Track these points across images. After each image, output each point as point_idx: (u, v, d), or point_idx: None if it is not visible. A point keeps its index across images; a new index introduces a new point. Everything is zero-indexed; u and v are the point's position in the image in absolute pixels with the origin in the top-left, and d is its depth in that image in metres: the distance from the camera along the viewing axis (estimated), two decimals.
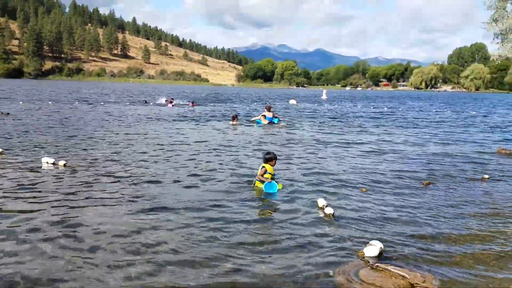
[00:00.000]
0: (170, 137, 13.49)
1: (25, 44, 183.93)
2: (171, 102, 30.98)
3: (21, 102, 27.93)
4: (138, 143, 12.05)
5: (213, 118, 21.41)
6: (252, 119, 19.75)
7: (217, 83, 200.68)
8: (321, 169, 9.05)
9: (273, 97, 57.84)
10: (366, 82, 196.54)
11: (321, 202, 6.23)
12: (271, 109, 19.88)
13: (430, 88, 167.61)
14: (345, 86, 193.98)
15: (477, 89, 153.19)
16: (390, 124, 20.72)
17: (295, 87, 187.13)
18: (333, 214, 5.77)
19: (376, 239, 4.80)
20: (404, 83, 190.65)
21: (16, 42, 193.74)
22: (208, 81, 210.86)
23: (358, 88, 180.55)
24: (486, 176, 8.58)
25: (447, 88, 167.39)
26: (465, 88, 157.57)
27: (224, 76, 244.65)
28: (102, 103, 30.41)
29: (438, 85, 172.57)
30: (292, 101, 43.91)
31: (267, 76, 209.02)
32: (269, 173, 7.28)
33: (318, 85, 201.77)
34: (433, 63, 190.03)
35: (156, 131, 15.00)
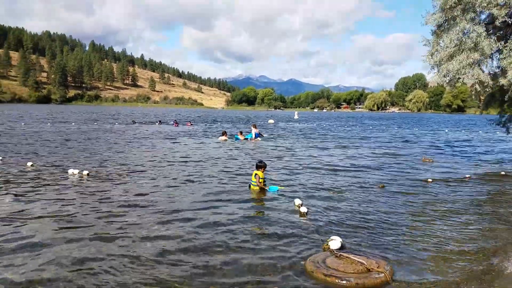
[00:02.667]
0: (174, 150, 13.37)
1: (53, 76, 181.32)
2: (176, 123, 30.84)
3: (49, 124, 27.41)
4: (149, 156, 11.92)
5: (207, 134, 21.39)
6: (254, 138, 18.63)
7: (210, 107, 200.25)
8: (297, 174, 9.10)
9: (255, 117, 58.10)
10: (330, 105, 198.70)
11: (297, 201, 6.27)
12: (257, 127, 19.91)
13: (381, 110, 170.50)
14: (313, 108, 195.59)
15: (419, 110, 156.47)
16: (349, 138, 20.99)
17: (273, 109, 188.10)
18: (306, 213, 5.80)
19: (339, 234, 4.84)
20: (360, 105, 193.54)
21: (45, 74, 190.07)
22: (203, 104, 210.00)
23: (324, 110, 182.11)
24: (430, 180, 8.74)
25: (395, 109, 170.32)
26: (409, 109, 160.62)
27: (216, 101, 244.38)
28: (117, 124, 30.05)
29: (388, 107, 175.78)
30: (271, 121, 44.07)
31: (250, 101, 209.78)
32: (262, 178, 7.35)
33: (291, 107, 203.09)
34: (383, 89, 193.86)
35: (163, 146, 14.85)
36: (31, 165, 9.48)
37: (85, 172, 8.58)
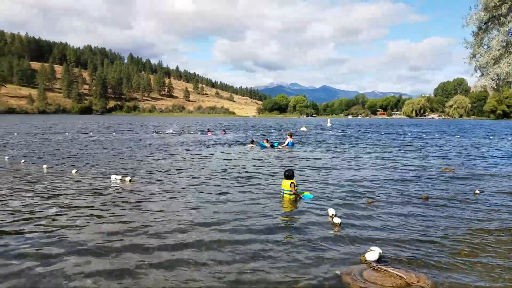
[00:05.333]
0: (208, 157, 13.56)
1: (94, 87, 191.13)
2: (209, 131, 31.49)
3: (91, 133, 28.86)
4: (186, 162, 12.24)
5: (239, 142, 21.56)
6: (284, 144, 18.87)
7: (242, 115, 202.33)
8: (331, 183, 8.92)
9: (288, 125, 57.89)
10: (365, 111, 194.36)
11: (331, 211, 6.15)
12: (292, 136, 19.82)
13: (419, 116, 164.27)
14: (347, 115, 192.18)
15: (460, 116, 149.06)
16: (388, 145, 20.37)
17: (305, 117, 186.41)
18: (340, 223, 5.67)
19: (377, 245, 4.68)
20: (398, 112, 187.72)
21: (87, 86, 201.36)
22: (235, 113, 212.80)
23: (359, 117, 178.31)
24: (477, 191, 8.22)
25: (434, 116, 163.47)
26: (449, 115, 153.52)
27: (247, 109, 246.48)
28: (154, 132, 31.08)
29: (427, 113, 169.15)
30: (303, 128, 43.77)
31: (282, 109, 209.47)
32: (296, 186, 7.33)
33: (324, 114, 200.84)
34: (421, 95, 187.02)
35: (198, 153, 15.14)
36: (75, 172, 10.00)
37: (127, 178, 8.94)
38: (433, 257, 4.49)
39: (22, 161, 12.20)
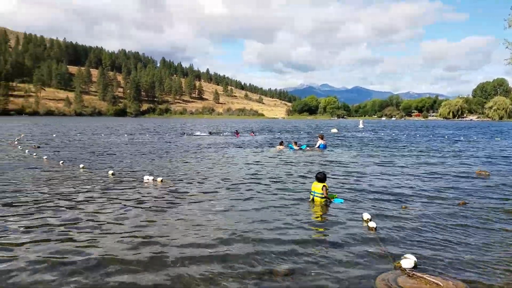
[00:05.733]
0: (237, 159, 13.70)
1: (128, 91, 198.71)
2: (237, 133, 31.80)
3: (125, 135, 29.96)
4: (215, 164, 12.50)
5: (268, 144, 21.64)
6: (315, 146, 18.72)
7: (271, 117, 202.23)
8: (363, 187, 8.79)
9: (317, 127, 57.30)
10: (399, 113, 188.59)
11: (366, 216, 6.07)
12: (324, 138, 19.62)
13: (457, 118, 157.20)
14: (380, 117, 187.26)
15: (501, 118, 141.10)
16: (424, 147, 19.71)
17: (336, 118, 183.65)
18: (375, 228, 5.59)
19: (412, 251, 4.58)
20: (434, 113, 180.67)
21: (121, 89, 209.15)
22: (264, 115, 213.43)
23: (393, 118, 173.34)
24: None
25: (473, 117, 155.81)
26: (489, 117, 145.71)
27: (277, 111, 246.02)
28: (186, 134, 31.79)
29: (465, 115, 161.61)
30: (334, 130, 43.18)
31: (311, 110, 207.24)
32: (327, 189, 7.29)
33: (356, 116, 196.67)
34: (458, 96, 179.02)
35: (227, 154, 15.35)
36: (111, 173, 10.47)
37: (159, 179, 9.28)
38: (471, 265, 4.34)
39: (61, 161, 12.88)
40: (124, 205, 7.04)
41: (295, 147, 18.24)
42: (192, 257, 4.55)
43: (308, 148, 18.38)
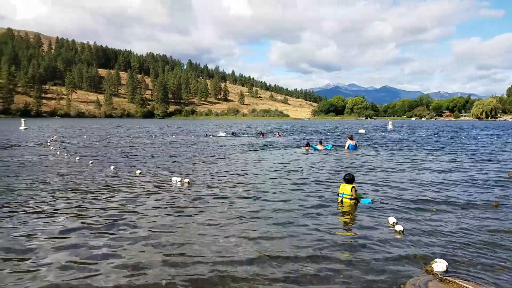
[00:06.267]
0: (263, 160, 13.78)
1: (156, 93, 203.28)
2: (262, 134, 31.96)
3: (153, 136, 30.70)
4: (240, 166, 12.58)
5: (293, 145, 21.58)
6: (345, 148, 18.78)
7: (296, 118, 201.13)
8: (392, 189, 8.64)
9: (344, 128, 56.40)
10: (429, 113, 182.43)
11: (391, 220, 5.98)
12: (353, 138, 19.40)
13: (490, 118, 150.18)
14: (410, 117, 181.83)
15: None
16: (455, 149, 19.03)
17: (364, 118, 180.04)
18: (403, 231, 5.50)
19: (443, 255, 4.49)
20: (465, 113, 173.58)
21: (149, 92, 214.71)
22: (289, 116, 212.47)
23: (423, 119, 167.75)
24: None
25: (507, 118, 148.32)
26: None
27: (302, 111, 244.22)
28: (212, 135, 32.18)
29: (498, 115, 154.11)
30: (361, 130, 42.47)
31: (338, 110, 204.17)
32: (356, 191, 7.28)
33: (385, 116, 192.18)
34: (492, 95, 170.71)
35: (252, 156, 15.44)
36: (140, 173, 10.81)
37: (186, 180, 9.51)
38: (506, 271, 4.19)
39: (90, 162, 13.40)
40: (154, 207, 7.26)
41: (320, 148, 18.11)
42: (223, 259, 4.65)
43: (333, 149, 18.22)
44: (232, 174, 10.97)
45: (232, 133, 35.04)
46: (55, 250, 4.88)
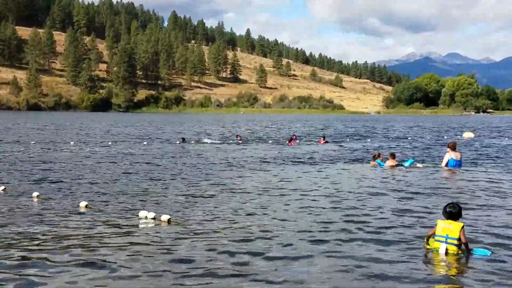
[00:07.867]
0: (298, 184, 13.74)
1: (115, 68, 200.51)
2: (292, 140, 31.86)
3: (109, 142, 30.78)
4: (257, 190, 12.71)
5: (350, 158, 21.49)
6: (442, 163, 18.65)
7: (356, 111, 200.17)
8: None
9: (441, 129, 55.62)
10: None
11: None
12: (456, 147, 18.98)
13: None
14: None
15: None
16: None
17: (473, 113, 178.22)
18: None
19: None
20: None
21: (103, 66, 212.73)
22: (343, 108, 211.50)
23: None
24: None
25: None
26: None
27: (366, 100, 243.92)
28: (192, 141, 32.12)
29: None
30: (469, 134, 42.24)
31: (429, 98, 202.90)
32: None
33: (511, 109, 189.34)
34: None
35: (278, 176, 15.58)
36: (85, 206, 10.83)
37: (164, 217, 9.42)
38: None
39: (1, 188, 13.20)
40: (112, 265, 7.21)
41: (391, 164, 18.01)
42: None
43: (419, 165, 18.33)
44: (246, 206, 10.92)
45: (238, 137, 34.51)
46: None
